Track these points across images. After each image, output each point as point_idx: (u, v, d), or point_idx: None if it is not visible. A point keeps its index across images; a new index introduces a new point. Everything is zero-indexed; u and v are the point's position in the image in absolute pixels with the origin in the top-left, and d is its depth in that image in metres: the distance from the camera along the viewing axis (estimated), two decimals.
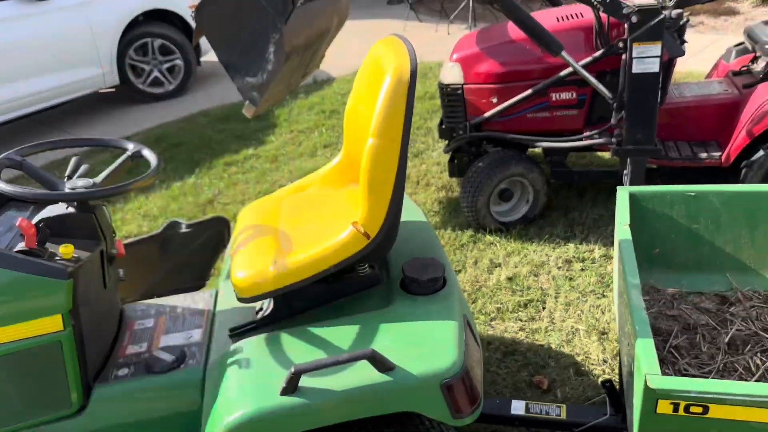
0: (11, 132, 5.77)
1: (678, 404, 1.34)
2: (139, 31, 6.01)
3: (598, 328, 2.50)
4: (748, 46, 3.26)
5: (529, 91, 3.09)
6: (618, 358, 2.02)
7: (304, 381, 1.35)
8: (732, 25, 6.20)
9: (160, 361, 1.66)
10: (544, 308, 2.66)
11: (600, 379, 2.20)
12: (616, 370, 2.23)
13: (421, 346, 1.42)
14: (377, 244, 1.53)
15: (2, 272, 1.43)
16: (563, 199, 3.50)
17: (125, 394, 1.62)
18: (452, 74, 3.26)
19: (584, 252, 3.00)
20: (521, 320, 2.60)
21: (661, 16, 2.61)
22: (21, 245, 1.49)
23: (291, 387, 1.33)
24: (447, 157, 3.66)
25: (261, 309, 1.71)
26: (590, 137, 3.07)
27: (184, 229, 2.38)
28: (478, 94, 3.20)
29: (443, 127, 3.39)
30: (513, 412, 1.97)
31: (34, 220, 1.55)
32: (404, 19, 8.26)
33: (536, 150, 3.49)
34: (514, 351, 2.45)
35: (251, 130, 5.14)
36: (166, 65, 6.27)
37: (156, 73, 6.26)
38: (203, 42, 6.56)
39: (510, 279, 2.86)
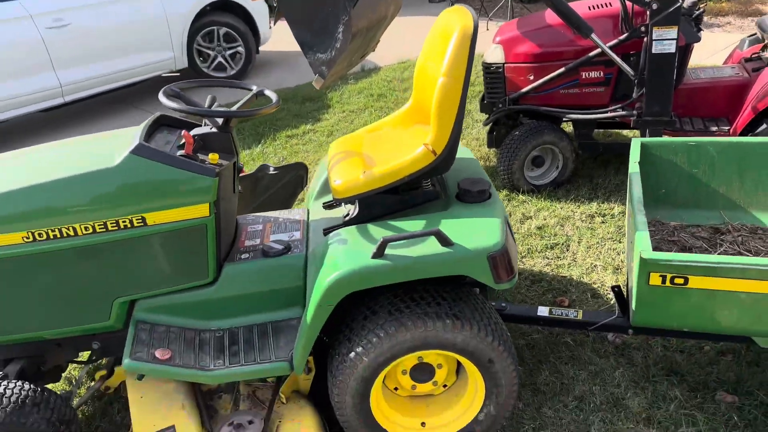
0: (87, 107, 6.46)
1: (665, 276, 1.81)
2: (206, 19, 6.63)
3: (613, 265, 2.97)
4: (759, 36, 3.68)
5: (561, 70, 3.56)
6: (626, 271, 2.47)
7: (389, 250, 1.86)
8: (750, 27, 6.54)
9: (273, 249, 2.20)
10: (567, 250, 3.13)
11: (623, 260, 2.66)
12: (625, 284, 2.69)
13: (473, 231, 1.92)
14: (440, 161, 2.03)
15: (170, 169, 1.97)
16: (589, 168, 3.96)
17: (247, 271, 2.16)
18: (494, 54, 3.75)
19: (605, 209, 3.46)
20: (548, 258, 3.08)
21: (678, 4, 3.06)
22: (181, 152, 2.03)
23: (380, 253, 1.84)
24: (485, 133, 4.15)
25: (347, 214, 2.23)
26: (615, 110, 3.53)
27: (271, 171, 2.92)
28: (517, 72, 3.68)
29: (485, 102, 3.89)
30: (539, 314, 2.46)
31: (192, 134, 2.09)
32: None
33: (566, 125, 3.96)
34: (540, 280, 2.93)
35: (308, 110, 5.70)
36: (229, 52, 6.88)
37: (220, 59, 6.88)
38: (263, 31, 7.19)
39: (539, 228, 3.34)
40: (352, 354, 1.92)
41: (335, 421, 2.11)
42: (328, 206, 2.45)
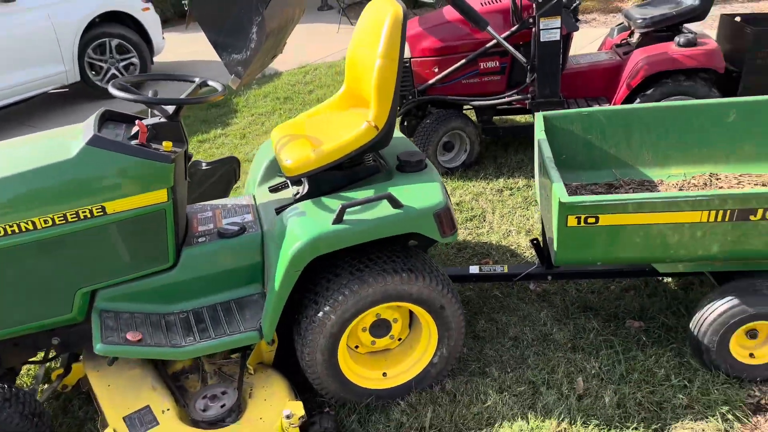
0: None
1: (580, 217, 2.15)
2: (97, 31, 6.46)
3: (525, 228, 3.34)
4: (626, 24, 4.25)
5: (462, 61, 3.92)
6: (541, 224, 2.82)
7: (347, 215, 2.06)
8: (618, 20, 7.37)
9: (229, 230, 2.32)
10: (484, 220, 3.48)
11: (534, 224, 3.01)
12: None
13: (417, 194, 2.17)
14: (382, 136, 2.26)
15: (127, 158, 2.05)
16: (492, 150, 4.36)
17: (206, 252, 2.27)
18: None
19: (511, 183, 3.85)
20: (468, 228, 3.41)
21: None
22: (135, 142, 2.11)
23: (339, 218, 2.04)
24: (398, 122, 4.44)
25: (297, 193, 2.40)
26: (511, 96, 3.94)
27: (204, 167, 3.02)
28: (423, 65, 4.00)
29: None
30: (470, 272, 2.75)
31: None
32: (337, 23, 9.04)
33: (470, 112, 4.34)
34: (465, 247, 3.24)
35: (214, 115, 5.73)
36: (123, 63, 6.73)
37: (113, 71, 6.71)
38: (156, 42, 7.10)
39: (457, 204, 3.66)
40: (320, 313, 2.10)
41: (301, 389, 2.26)
42: (274, 189, 2.61)
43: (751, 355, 2.28)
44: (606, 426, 2.11)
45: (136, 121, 2.13)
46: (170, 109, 2.23)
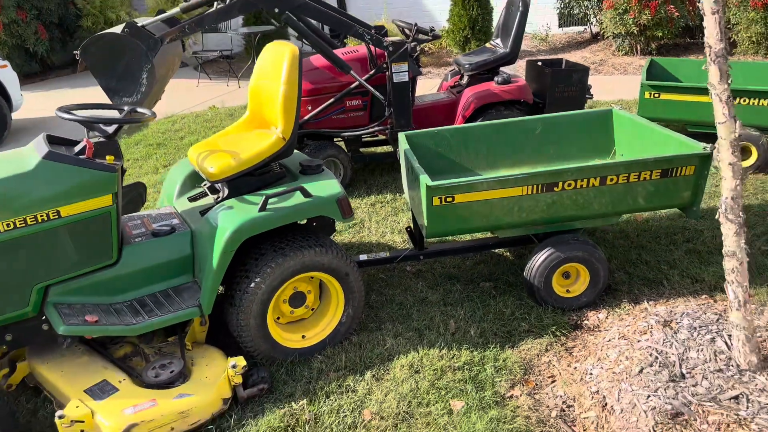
0: None
1: (441, 197, 2.90)
2: None
3: (397, 229, 4.08)
4: (457, 69, 5.28)
5: (331, 100, 4.66)
6: (413, 217, 3.56)
7: (269, 205, 2.63)
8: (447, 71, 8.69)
9: (162, 230, 2.77)
10: (363, 227, 4.16)
11: (403, 227, 3.74)
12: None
13: (321, 188, 2.79)
14: (288, 146, 2.87)
15: (79, 169, 2.45)
16: (361, 174, 5.11)
17: (144, 248, 2.70)
18: None
19: (381, 198, 4.61)
20: (351, 233, 4.07)
21: (405, 47, 4.40)
22: (83, 156, 2.52)
23: (264, 206, 2.60)
24: None
25: (217, 197, 2.91)
26: (373, 128, 4.74)
27: None
28: None
29: None
30: (360, 259, 3.40)
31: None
32: (196, 78, 9.50)
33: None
34: (350, 247, 3.89)
35: None
36: None
37: None
38: (14, 98, 7.11)
39: None
40: (252, 284, 2.62)
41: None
42: (193, 199, 3.10)
43: (567, 290, 3.15)
44: (473, 348, 2.83)
45: (84, 139, 2.55)
46: (110, 129, 2.67)
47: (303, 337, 2.89)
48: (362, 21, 4.48)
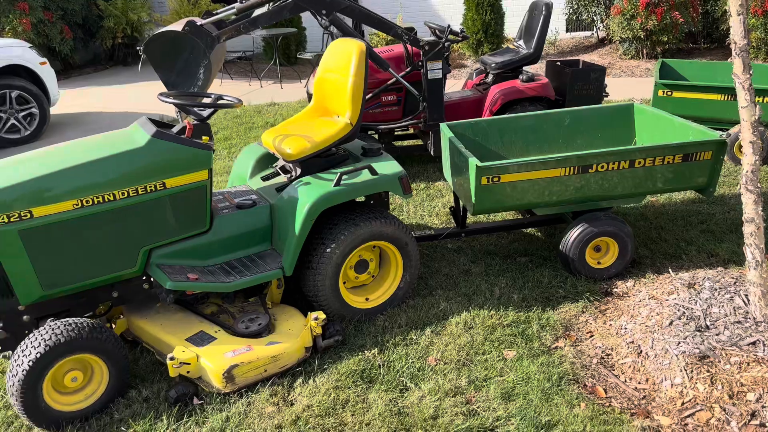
0: None
1: (489, 177, 3.28)
2: None
3: (434, 212, 4.45)
4: (482, 68, 5.67)
5: (369, 96, 5.03)
6: (454, 198, 3.93)
7: (342, 180, 2.99)
8: (465, 71, 9.07)
9: (246, 203, 3.13)
10: (403, 211, 4.53)
11: (447, 207, 4.11)
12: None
13: (384, 167, 3.16)
14: (354, 131, 3.24)
15: (182, 147, 2.81)
16: None
17: (232, 219, 3.06)
18: None
19: (415, 186, 4.98)
20: None
21: (440, 46, 4.78)
22: (183, 136, 2.88)
23: (338, 182, 2.97)
24: None
25: (291, 176, 3.28)
26: (407, 121, 5.12)
27: None
28: None
29: None
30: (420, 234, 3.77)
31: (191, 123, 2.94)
32: (219, 78, 9.87)
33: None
34: None
35: None
36: (23, 113, 7.01)
37: (13, 120, 6.95)
38: (52, 93, 7.45)
39: None
40: (328, 250, 2.99)
41: None
42: (266, 178, 3.46)
43: (599, 262, 3.52)
44: (518, 310, 3.20)
45: (185, 121, 2.92)
46: (205, 114, 3.03)
47: (366, 299, 3.25)
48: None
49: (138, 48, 4.07)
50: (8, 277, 2.57)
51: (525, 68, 5.46)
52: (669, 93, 5.10)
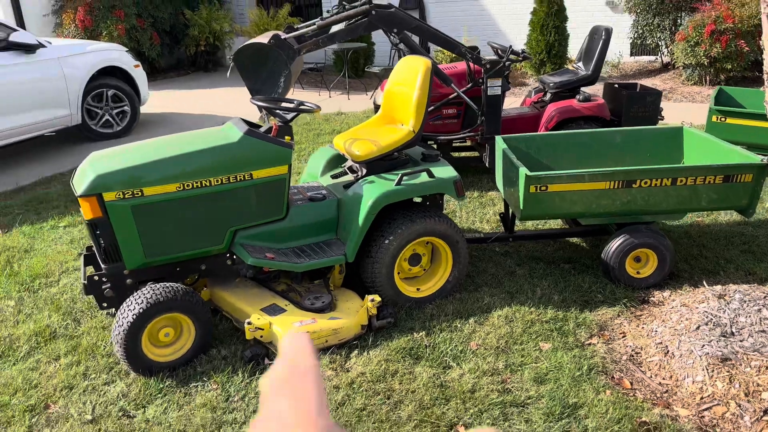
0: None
1: (537, 186, 3.59)
2: (97, 82, 7.48)
3: (485, 219, 4.76)
4: (540, 87, 5.96)
5: (431, 108, 5.41)
6: (504, 205, 4.24)
7: (403, 181, 3.37)
8: (526, 89, 9.34)
9: (318, 196, 3.55)
10: (455, 216, 4.87)
11: (497, 213, 4.42)
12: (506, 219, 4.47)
13: (441, 171, 3.52)
14: (416, 138, 3.62)
15: (269, 144, 3.26)
16: None
17: (305, 209, 3.48)
18: (382, 97, 5.50)
19: (469, 194, 5.30)
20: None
21: (501, 64, 5.11)
22: (269, 135, 3.33)
23: (399, 181, 3.35)
24: None
25: (357, 176, 3.68)
26: (465, 133, 5.46)
27: None
28: None
29: None
30: (471, 236, 4.10)
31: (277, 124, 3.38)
32: (292, 88, 10.47)
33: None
34: None
35: None
36: (116, 110, 7.74)
37: (107, 117, 7.69)
38: (143, 94, 8.15)
39: None
40: (387, 241, 3.37)
41: None
42: (335, 176, 3.88)
43: (638, 272, 3.76)
44: (557, 309, 3.48)
45: (272, 122, 3.37)
46: (288, 116, 3.48)
47: (417, 289, 3.60)
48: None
49: (228, 57, 4.58)
50: (119, 245, 3.07)
51: (582, 89, 5.72)
52: (722, 119, 5.25)
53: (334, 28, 5.03)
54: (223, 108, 9.03)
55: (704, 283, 3.60)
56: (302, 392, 0.42)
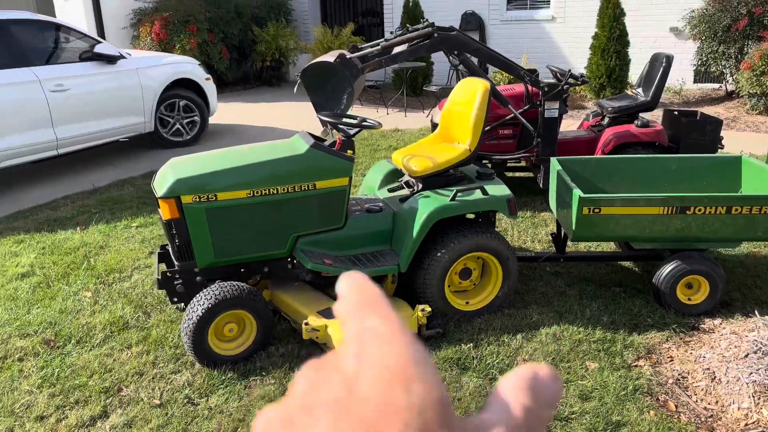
0: (75, 159, 7.35)
1: (590, 208, 3.66)
2: (170, 93, 7.93)
3: (537, 239, 4.84)
4: (599, 110, 6.00)
5: (487, 128, 5.53)
6: (557, 226, 4.31)
7: (458, 197, 3.51)
8: (584, 113, 9.34)
9: (375, 208, 3.73)
10: (507, 235, 4.96)
11: (549, 234, 4.50)
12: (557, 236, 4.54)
13: (495, 189, 3.64)
14: (471, 157, 3.76)
15: (332, 157, 3.46)
16: None
17: (363, 220, 3.66)
18: (440, 116, 5.66)
19: (521, 214, 5.38)
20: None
21: (559, 87, 5.20)
22: (333, 149, 3.53)
23: (454, 197, 3.49)
24: None
25: (413, 190, 3.84)
26: (520, 154, 5.56)
27: None
28: None
29: None
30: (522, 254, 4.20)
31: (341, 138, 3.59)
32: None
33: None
34: None
35: None
36: (186, 120, 8.18)
37: (178, 126, 8.13)
38: (212, 105, 8.56)
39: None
40: (439, 254, 3.50)
41: None
42: (392, 190, 4.05)
43: (689, 299, 3.77)
44: (605, 330, 3.53)
45: (336, 137, 3.57)
46: (351, 132, 3.69)
47: (467, 303, 3.72)
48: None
49: (296, 74, 4.85)
50: (192, 244, 3.32)
51: (641, 114, 5.73)
52: None
53: (397, 49, 5.24)
54: (284, 121, 9.38)
55: (756, 312, 3.58)
56: (385, 312, 0.40)
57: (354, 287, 0.43)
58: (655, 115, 7.40)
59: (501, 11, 11.88)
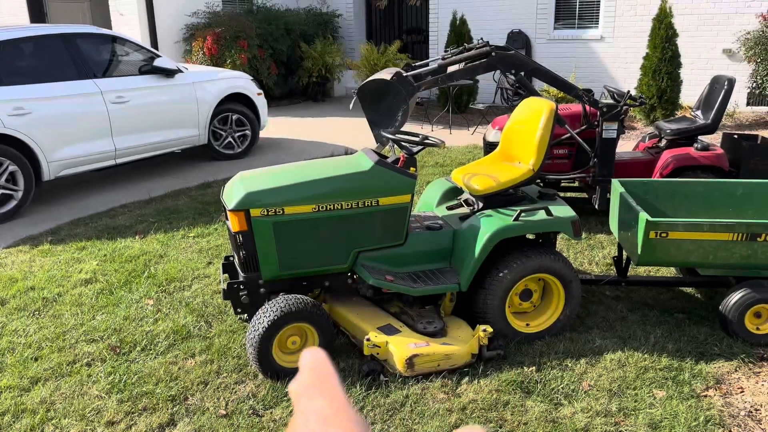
0: (131, 169, 7.55)
1: (657, 232, 3.59)
2: (224, 107, 8.09)
3: (594, 261, 4.76)
4: (656, 132, 5.90)
5: None
6: (618, 249, 4.24)
7: (521, 217, 3.48)
8: (635, 134, 9.20)
9: (435, 225, 3.73)
10: (566, 252, 4.89)
11: (606, 256, 4.42)
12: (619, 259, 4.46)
13: (559, 210, 3.61)
14: (534, 177, 3.74)
15: (395, 174, 3.48)
16: None
17: (423, 237, 3.66)
18: (495, 136, 5.65)
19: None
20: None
21: (618, 108, 5.14)
22: (396, 166, 3.55)
23: (517, 218, 3.47)
24: None
25: (473, 209, 3.83)
26: (576, 174, 5.50)
27: None
28: None
29: None
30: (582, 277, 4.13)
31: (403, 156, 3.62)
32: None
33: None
34: None
35: None
36: (238, 134, 8.33)
37: (230, 139, 8.29)
38: (263, 120, 8.70)
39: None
40: (501, 274, 3.48)
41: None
42: (451, 208, 4.04)
43: (758, 328, 3.65)
44: (671, 357, 3.44)
45: (400, 154, 3.60)
46: (414, 149, 3.70)
47: (527, 324, 3.68)
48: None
49: (353, 91, 4.90)
50: (258, 256, 3.36)
51: (700, 137, 5.62)
52: None
53: (453, 68, 5.26)
54: (330, 136, 9.48)
55: None
56: (333, 392, 0.45)
57: (307, 366, 0.46)
58: (713, 139, 7.25)
59: (548, 30, 11.83)
